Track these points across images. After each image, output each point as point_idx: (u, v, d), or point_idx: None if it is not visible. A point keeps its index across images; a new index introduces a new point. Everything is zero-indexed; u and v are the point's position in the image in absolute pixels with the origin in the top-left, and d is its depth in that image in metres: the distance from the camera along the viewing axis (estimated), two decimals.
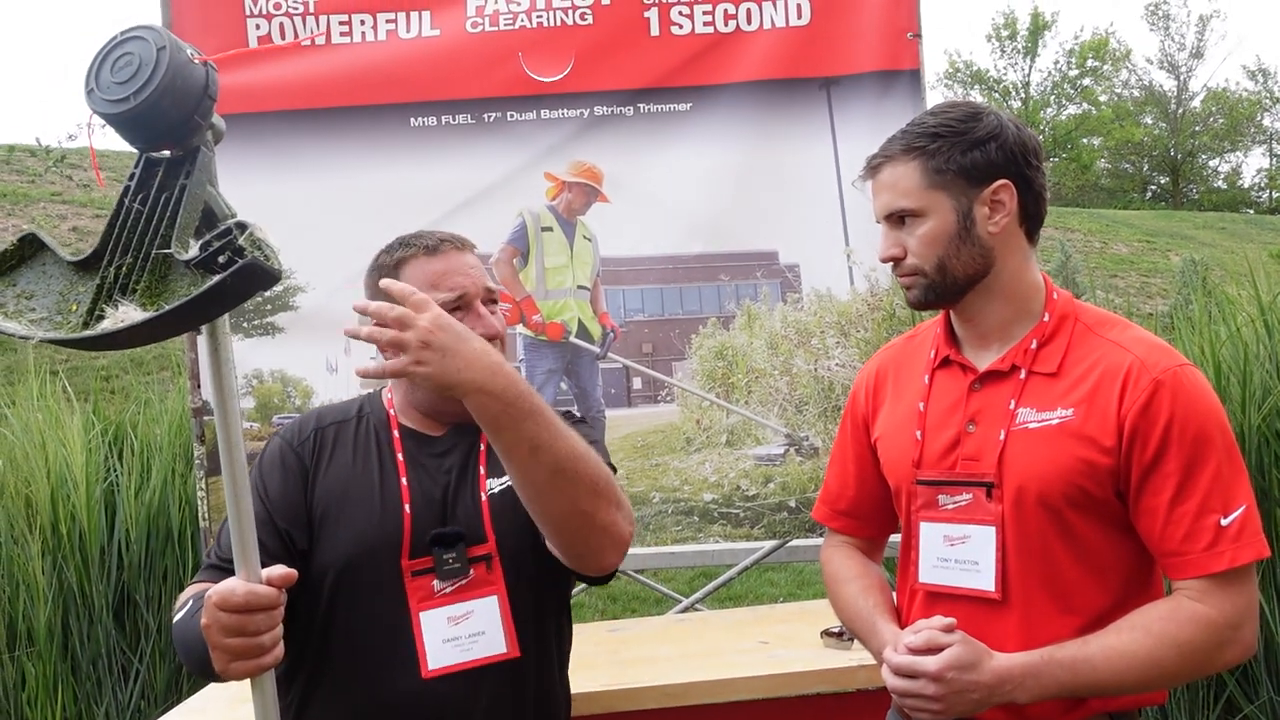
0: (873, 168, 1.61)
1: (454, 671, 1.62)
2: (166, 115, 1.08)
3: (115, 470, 4.09)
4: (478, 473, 1.72)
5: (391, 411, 1.79)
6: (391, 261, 1.75)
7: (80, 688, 3.83)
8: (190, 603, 1.53)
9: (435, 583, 1.65)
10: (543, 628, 1.73)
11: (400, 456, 1.73)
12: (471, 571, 1.65)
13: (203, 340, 1.22)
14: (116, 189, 1.12)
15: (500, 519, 1.68)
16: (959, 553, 1.57)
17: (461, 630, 1.64)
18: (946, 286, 1.57)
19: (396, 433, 1.75)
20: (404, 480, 1.70)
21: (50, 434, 4.04)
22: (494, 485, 1.71)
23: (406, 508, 1.67)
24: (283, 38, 3.29)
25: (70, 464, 3.96)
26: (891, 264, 1.62)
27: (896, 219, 1.58)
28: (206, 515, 3.29)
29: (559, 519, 1.53)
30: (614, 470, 1.69)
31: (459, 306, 1.69)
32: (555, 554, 1.62)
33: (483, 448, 1.74)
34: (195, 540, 3.86)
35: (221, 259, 1.03)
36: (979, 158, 1.53)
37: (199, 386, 3.27)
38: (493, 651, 1.64)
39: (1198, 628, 1.43)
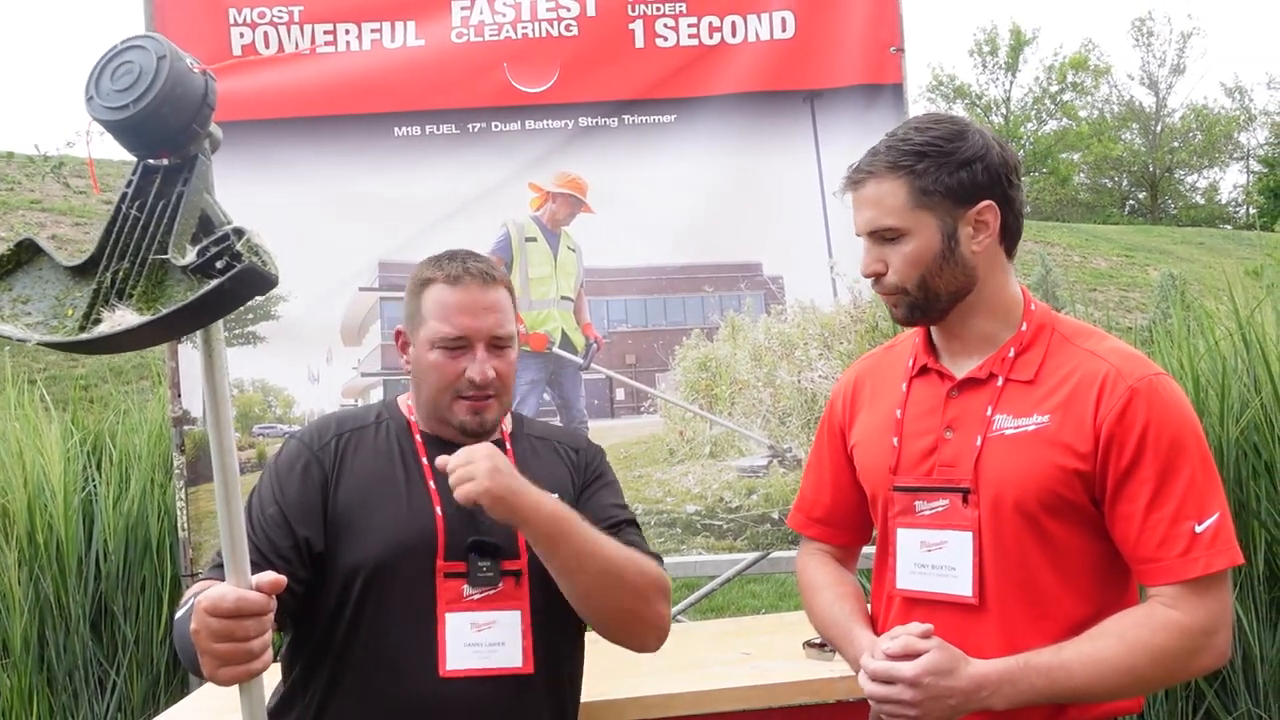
0: (855, 181, 1.60)
1: (469, 675, 1.66)
2: (166, 123, 1.09)
3: (93, 480, 4.05)
4: None
5: (411, 418, 1.81)
6: (420, 279, 1.76)
7: (56, 699, 3.79)
8: (192, 600, 1.52)
9: (466, 587, 1.69)
10: (560, 648, 1.76)
11: (425, 461, 1.75)
12: (501, 583, 1.70)
13: (198, 346, 1.23)
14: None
15: None
16: (936, 558, 1.58)
17: (483, 638, 1.68)
18: (929, 304, 1.58)
19: (419, 438, 1.78)
20: (432, 484, 1.72)
21: (28, 443, 4.00)
22: None
23: (438, 510, 1.70)
24: (267, 47, 3.28)
25: (48, 473, 3.93)
26: (873, 280, 1.62)
27: (879, 236, 1.58)
28: (186, 526, 3.27)
29: (608, 618, 1.69)
30: (659, 559, 1.77)
31: (459, 346, 1.71)
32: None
33: (513, 467, 1.77)
34: (174, 551, 3.82)
35: (219, 264, 1.05)
36: (965, 178, 1.54)
37: (179, 396, 3.25)
38: (509, 664, 1.68)
39: (1171, 634, 1.44)
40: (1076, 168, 41.89)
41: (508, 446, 1.81)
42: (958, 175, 1.53)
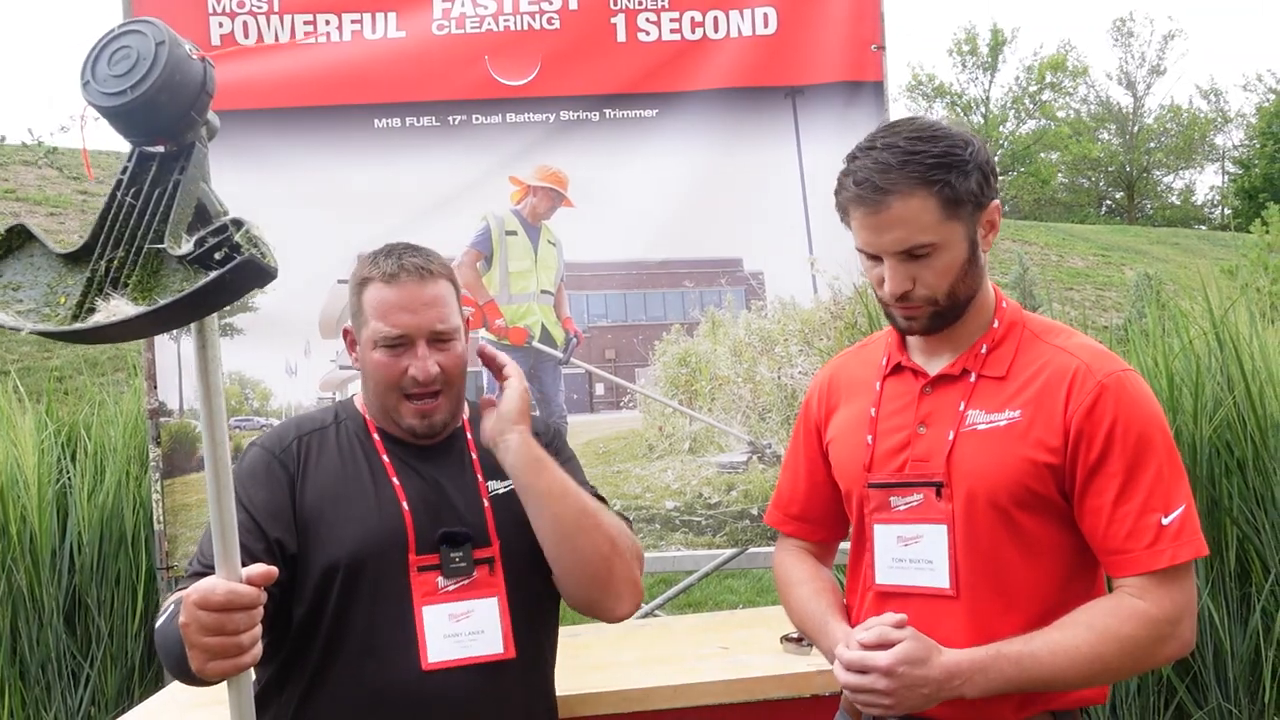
0: (876, 202, 1.50)
1: (452, 666, 1.67)
2: (163, 110, 1.07)
3: (68, 472, 4.01)
4: (475, 477, 1.77)
5: (368, 416, 1.81)
6: (360, 278, 1.77)
7: (29, 692, 3.76)
8: (173, 607, 1.53)
9: (440, 580, 1.69)
10: (536, 633, 1.78)
11: (386, 459, 1.76)
12: (475, 572, 1.71)
13: (180, 339, 1.22)
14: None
15: (503, 523, 1.74)
16: (913, 552, 1.60)
17: (462, 627, 1.69)
18: (952, 312, 1.58)
19: (377, 436, 1.78)
20: (395, 480, 1.73)
21: (1, 434, 3.96)
22: (495, 488, 1.76)
23: (405, 506, 1.70)
24: (246, 37, 3.26)
25: (21, 465, 3.89)
26: (896, 296, 1.56)
27: (909, 254, 1.53)
28: (161, 518, 3.25)
29: (583, 563, 1.67)
30: (628, 522, 1.80)
31: (400, 344, 1.69)
32: (571, 602, 1.74)
33: (475, 455, 1.79)
34: (149, 544, 3.80)
35: (218, 255, 1.03)
36: (979, 182, 1.54)
37: (155, 388, 3.23)
38: (490, 651, 1.69)
39: (1138, 623, 1.47)
40: (1055, 168, 42.21)
41: (468, 436, 1.82)
42: (974, 180, 1.52)
